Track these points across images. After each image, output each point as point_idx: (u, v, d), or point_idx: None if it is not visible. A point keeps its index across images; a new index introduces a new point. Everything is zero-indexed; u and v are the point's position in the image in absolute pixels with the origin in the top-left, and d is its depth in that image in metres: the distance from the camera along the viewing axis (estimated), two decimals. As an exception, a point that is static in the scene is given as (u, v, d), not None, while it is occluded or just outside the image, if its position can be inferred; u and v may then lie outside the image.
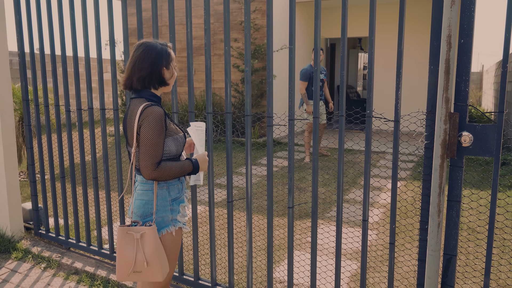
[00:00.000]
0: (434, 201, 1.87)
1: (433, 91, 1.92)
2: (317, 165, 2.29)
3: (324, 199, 4.83)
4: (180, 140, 1.89)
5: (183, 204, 1.97)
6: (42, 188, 3.57)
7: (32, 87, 3.48)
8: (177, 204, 1.94)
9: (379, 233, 3.85)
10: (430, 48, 1.90)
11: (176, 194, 1.93)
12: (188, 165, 1.88)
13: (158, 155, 1.79)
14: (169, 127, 1.86)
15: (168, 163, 1.82)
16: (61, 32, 3.11)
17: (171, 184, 1.91)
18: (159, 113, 1.78)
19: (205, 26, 2.47)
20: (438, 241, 1.90)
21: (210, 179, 2.62)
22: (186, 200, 2.02)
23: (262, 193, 5.06)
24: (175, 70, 1.94)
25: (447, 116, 1.80)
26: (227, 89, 2.48)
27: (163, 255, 1.86)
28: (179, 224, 1.94)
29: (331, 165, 6.54)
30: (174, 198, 1.92)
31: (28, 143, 3.62)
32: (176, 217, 1.93)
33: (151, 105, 1.80)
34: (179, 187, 1.95)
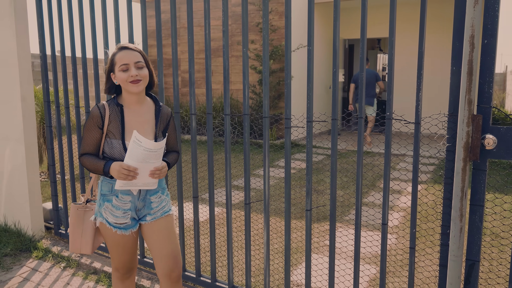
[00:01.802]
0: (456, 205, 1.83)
1: (455, 93, 1.88)
2: (336, 167, 2.27)
3: (342, 202, 4.79)
4: (113, 145, 1.97)
5: (109, 203, 2.02)
6: (62, 188, 3.64)
7: (53, 89, 3.55)
8: (104, 200, 2.04)
9: (398, 237, 3.80)
10: (452, 49, 1.87)
11: (106, 191, 2.03)
12: (100, 166, 1.97)
13: (84, 148, 2.02)
14: (109, 129, 1.97)
15: (88, 157, 2.01)
16: (81, 35, 3.17)
17: (105, 179, 2.03)
18: (91, 112, 2.00)
19: (223, 28, 2.49)
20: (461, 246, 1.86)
21: (228, 180, 2.63)
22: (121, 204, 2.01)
23: (280, 195, 5.05)
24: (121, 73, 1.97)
25: (470, 118, 1.77)
26: (245, 90, 2.49)
27: (79, 234, 2.17)
28: (100, 219, 2.05)
29: (349, 167, 6.49)
30: (103, 194, 2.04)
31: (49, 143, 3.69)
32: (101, 211, 2.05)
33: (96, 104, 2.04)
34: (112, 186, 2.02)
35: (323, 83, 10.31)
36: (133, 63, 1.93)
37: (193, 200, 2.80)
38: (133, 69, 1.93)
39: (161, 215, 2.09)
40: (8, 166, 3.72)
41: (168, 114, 2.13)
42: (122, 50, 1.95)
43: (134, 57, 1.95)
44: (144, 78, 1.96)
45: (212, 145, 2.67)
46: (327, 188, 5.36)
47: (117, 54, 1.96)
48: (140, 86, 1.96)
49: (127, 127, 1.98)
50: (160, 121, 2.07)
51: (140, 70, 1.95)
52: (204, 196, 4.93)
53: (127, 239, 2.06)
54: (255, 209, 4.59)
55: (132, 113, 2.01)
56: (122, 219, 2.02)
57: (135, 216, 2.06)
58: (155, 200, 2.08)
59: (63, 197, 3.66)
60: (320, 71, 9.98)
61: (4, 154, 3.72)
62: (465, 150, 1.80)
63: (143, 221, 2.09)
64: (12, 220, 3.79)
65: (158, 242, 2.05)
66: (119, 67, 1.93)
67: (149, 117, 2.04)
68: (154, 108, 2.07)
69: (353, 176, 5.92)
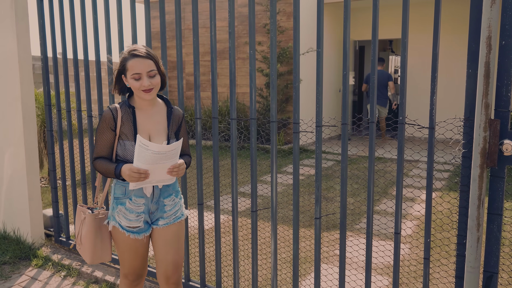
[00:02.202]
0: (473, 214, 1.82)
1: (472, 96, 1.87)
2: (346, 174, 2.27)
3: (353, 210, 4.77)
4: (126, 146, 2.02)
5: (122, 206, 2.07)
6: (63, 195, 3.66)
7: (55, 92, 3.58)
8: (117, 204, 2.08)
9: (412, 247, 3.78)
10: (468, 50, 1.86)
11: (119, 194, 2.08)
12: (111, 169, 2.01)
13: (97, 151, 2.05)
14: (122, 130, 2.02)
15: (101, 161, 2.05)
16: (83, 36, 3.20)
17: (118, 182, 2.08)
18: (103, 115, 2.04)
19: (229, 29, 2.50)
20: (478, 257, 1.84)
21: (234, 187, 2.63)
22: (135, 208, 2.06)
23: (288, 202, 5.04)
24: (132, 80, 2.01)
25: (487, 123, 1.76)
26: (252, 94, 2.49)
27: (100, 242, 2.16)
28: (113, 223, 2.09)
29: (360, 174, 6.47)
30: (117, 197, 2.09)
31: (49, 148, 3.72)
32: (114, 215, 2.09)
33: (108, 106, 2.09)
34: (125, 189, 2.07)
35: (332, 86, 10.30)
36: (146, 73, 1.98)
37: (198, 207, 2.80)
38: (146, 79, 1.98)
39: (173, 220, 2.16)
40: (7, 171, 3.75)
41: (180, 116, 2.19)
42: (134, 57, 1.98)
43: (147, 66, 1.98)
44: (156, 86, 2.02)
45: (218, 150, 2.68)
46: (337, 195, 5.34)
47: (129, 60, 1.99)
48: (152, 94, 2.02)
49: (140, 128, 2.05)
50: (172, 123, 2.13)
51: (152, 78, 2.00)
52: (210, 203, 4.94)
53: (139, 244, 2.10)
54: (262, 216, 4.58)
55: (144, 114, 2.07)
56: (136, 223, 2.07)
57: (148, 219, 2.12)
58: (169, 203, 2.14)
59: (64, 204, 3.68)
60: (329, 74, 9.98)
61: (4, 159, 3.75)
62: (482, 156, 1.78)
63: (155, 225, 2.14)
64: (11, 227, 3.81)
65: (165, 248, 2.13)
66: (131, 75, 1.99)
67: (161, 118, 2.10)
68: (165, 109, 2.14)
69: (364, 183, 5.90)
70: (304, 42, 8.71)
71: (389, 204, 4.98)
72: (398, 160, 2.11)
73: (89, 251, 2.18)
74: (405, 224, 4.36)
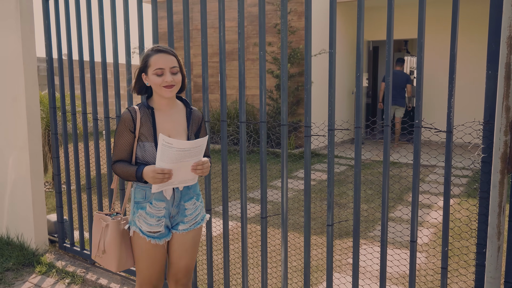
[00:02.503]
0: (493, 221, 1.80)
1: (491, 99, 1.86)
2: (359, 179, 2.26)
3: (366, 217, 4.74)
4: (146, 147, 2.05)
5: (143, 211, 2.09)
6: (68, 200, 3.69)
7: (60, 94, 3.62)
8: (138, 208, 2.11)
9: (429, 256, 3.74)
10: (488, 51, 1.85)
11: (139, 198, 2.10)
12: (132, 171, 2.03)
13: (116, 154, 2.08)
14: (142, 132, 2.02)
15: (120, 164, 2.07)
16: (89, 37, 3.23)
17: (138, 186, 2.11)
18: (122, 116, 2.06)
19: (239, 30, 2.51)
20: (498, 267, 1.82)
21: (243, 192, 2.63)
22: (155, 212, 2.09)
23: (299, 208, 5.03)
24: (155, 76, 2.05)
25: (508, 126, 1.74)
26: (262, 96, 2.49)
27: (124, 248, 2.16)
28: (134, 228, 2.11)
29: (374, 179, 6.44)
30: (137, 201, 2.11)
31: (54, 152, 3.75)
32: (135, 220, 2.11)
33: (126, 108, 2.11)
34: (145, 193, 2.09)
35: (345, 88, 10.28)
36: (169, 68, 2.02)
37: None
38: (168, 74, 2.02)
39: (193, 226, 2.20)
40: (11, 176, 3.79)
41: (200, 117, 2.23)
42: (158, 53, 2.03)
43: (170, 61, 2.03)
44: (177, 84, 2.06)
45: (227, 154, 2.68)
46: (350, 201, 5.32)
47: (152, 56, 2.03)
48: (173, 91, 2.06)
49: (159, 129, 2.08)
50: (192, 123, 2.17)
51: (175, 75, 2.04)
52: (218, 209, 4.94)
53: (158, 250, 2.12)
54: (272, 223, 4.58)
55: (163, 115, 2.11)
56: (156, 227, 2.10)
57: (168, 224, 2.15)
58: (190, 207, 2.17)
59: (68, 209, 3.71)
60: (342, 75, 9.96)
61: (8, 163, 3.79)
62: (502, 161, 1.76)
63: (174, 230, 2.17)
64: (15, 232, 3.85)
65: (180, 253, 2.19)
66: (154, 71, 2.02)
67: (180, 119, 2.14)
68: (185, 110, 2.18)
69: (378, 188, 5.87)
70: (316, 43, 8.71)
71: (405, 211, 4.94)
72: (414, 165, 2.09)
73: (115, 259, 2.17)
74: (422, 232, 4.32)
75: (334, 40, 2.21)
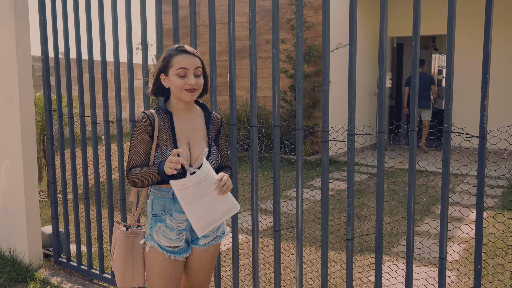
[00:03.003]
0: (532, 236, 1.77)
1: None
2: (382, 189, 2.24)
3: (390, 231, 4.71)
4: (166, 155, 2.05)
5: (162, 224, 2.10)
6: (64, 210, 3.71)
7: (56, 96, 3.65)
8: (156, 221, 2.11)
9: (460, 274, 3.70)
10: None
11: (158, 211, 2.11)
12: (153, 169, 2.03)
13: (132, 160, 2.08)
14: (160, 138, 2.06)
15: (137, 168, 2.07)
16: (88, 34, 3.26)
17: (156, 198, 2.12)
18: (139, 119, 2.08)
19: (250, 25, 2.51)
20: (537, 288, 1.79)
21: (254, 203, 2.62)
22: (176, 225, 2.10)
23: (315, 221, 5.01)
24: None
25: (547, 131, 1.72)
26: (275, 98, 2.50)
27: (131, 263, 2.17)
28: (151, 243, 2.11)
29: (399, 189, 6.39)
30: (155, 214, 2.12)
31: (50, 158, 3.79)
32: (153, 234, 2.11)
33: (143, 111, 2.13)
34: (164, 204, 2.09)
35: (366, 89, 10.24)
36: (193, 69, 2.05)
37: (213, 226, 2.81)
38: (192, 76, 2.04)
39: (214, 241, 2.22)
40: (3, 184, 3.83)
41: (219, 122, 2.25)
42: (182, 53, 2.05)
43: (195, 63, 2.06)
44: (199, 88, 2.08)
45: (237, 161, 2.69)
46: (372, 213, 5.29)
47: (176, 56, 2.05)
48: (195, 96, 2.08)
49: (179, 135, 2.10)
50: (212, 128, 2.20)
51: (198, 78, 2.07)
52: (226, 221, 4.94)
53: (176, 267, 2.13)
54: (286, 237, 4.56)
55: (181, 120, 2.13)
56: (177, 242, 2.11)
57: (189, 237, 2.17)
58: None
59: (64, 221, 3.73)
60: (362, 75, 9.93)
61: (0, 170, 3.83)
62: (542, 170, 1.74)
63: (194, 245, 2.19)
64: (7, 245, 3.89)
65: (196, 268, 2.23)
66: (176, 71, 2.04)
67: (199, 124, 2.17)
68: (203, 115, 2.21)
69: (403, 199, 5.82)
70: (333, 39, 8.70)
71: (433, 225, 4.89)
72: (443, 173, 2.07)
73: (118, 273, 2.20)
74: (452, 247, 4.28)
75: (354, 37, 2.21)
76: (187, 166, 2.03)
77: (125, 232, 2.19)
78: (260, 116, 9.21)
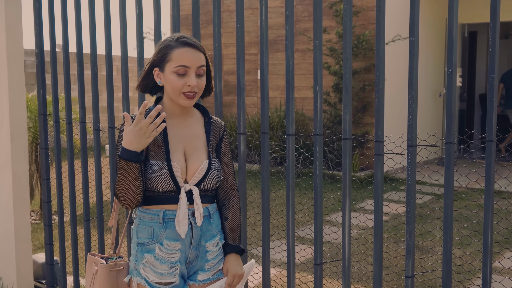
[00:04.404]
0: None
1: None
2: (451, 214, 2.20)
3: (461, 267, 4.62)
4: (155, 168, 2.01)
5: (150, 255, 2.05)
6: (60, 235, 3.75)
7: (52, 97, 3.70)
8: (143, 252, 2.07)
9: (550, 323, 3.60)
10: None
11: (144, 239, 2.08)
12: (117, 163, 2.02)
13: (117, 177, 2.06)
14: (149, 147, 2.02)
15: None
16: (91, 24, 3.31)
17: (142, 222, 2.08)
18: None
19: (286, 11, 2.52)
20: None
21: (290, 230, 2.61)
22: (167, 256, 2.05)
23: (366, 253, 4.96)
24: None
25: None
26: (317, 100, 2.49)
27: None
28: (138, 279, 2.08)
29: (472, 214, 6.26)
30: (142, 242, 2.08)
31: (44, 172, 3.84)
32: (139, 268, 2.08)
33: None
34: (153, 231, 2.05)
35: (429, 89, 10.12)
36: (195, 68, 2.02)
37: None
38: (193, 76, 2.01)
39: (216, 276, 2.17)
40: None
41: (221, 128, 2.23)
42: (185, 46, 2.02)
43: (198, 60, 2.04)
44: (200, 91, 2.07)
45: (269, 177, 2.68)
46: (438, 244, 5.20)
47: (176, 48, 2.02)
48: (194, 101, 2.07)
49: (172, 144, 2.08)
50: (212, 136, 2.18)
51: (200, 78, 2.05)
52: (256, 251, 4.94)
53: None
54: (329, 272, 4.53)
55: (176, 125, 2.12)
56: (168, 277, 2.08)
57: (184, 272, 2.13)
58: (212, 248, 2.15)
59: (60, 247, 3.77)
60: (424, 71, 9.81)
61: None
62: None
63: (191, 281, 2.15)
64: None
65: None
66: (175, 68, 2.01)
67: (198, 130, 2.16)
68: (203, 120, 2.19)
69: (477, 227, 5.71)
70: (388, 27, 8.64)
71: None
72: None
73: None
74: (540, 289, 4.17)
75: (416, 24, 2.19)
76: (182, 183, 2.03)
77: (107, 265, 2.19)
78: (297, 122, 9.18)
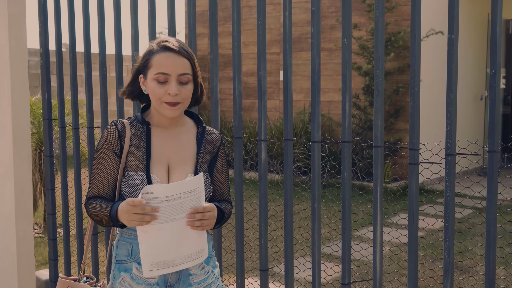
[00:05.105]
0: None
1: None
2: (495, 230, 2.18)
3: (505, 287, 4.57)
4: (133, 180, 2.02)
5: (127, 274, 2.05)
6: (66, 250, 3.78)
7: (58, 101, 3.73)
8: (120, 270, 2.09)
9: None
10: None
11: (123, 256, 2.09)
12: (106, 210, 2.00)
13: (92, 187, 2.10)
14: (130, 156, 2.03)
15: (94, 201, 2.07)
16: (100, 21, 3.34)
17: (122, 238, 2.10)
18: (105, 132, 2.08)
19: (312, 7, 2.52)
20: None
21: (315, 246, 2.60)
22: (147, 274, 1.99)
23: (399, 272, 4.92)
24: None
25: None
26: (346, 104, 2.48)
27: None
28: None
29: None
30: (120, 260, 2.10)
31: (48, 182, 3.87)
32: (115, 287, 2.08)
33: (112, 121, 2.14)
34: (131, 248, 2.06)
35: (469, 92, 10.03)
36: (176, 76, 2.01)
37: (261, 275, 2.80)
38: (174, 84, 1.99)
39: None
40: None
41: (217, 141, 2.20)
42: (164, 51, 2.02)
43: (180, 66, 2.02)
44: (184, 101, 2.05)
45: (292, 188, 2.68)
46: (479, 263, 5.15)
47: (156, 54, 2.03)
48: (177, 111, 2.04)
49: (155, 153, 2.07)
50: (204, 149, 2.15)
51: (183, 87, 2.02)
52: (278, 269, 4.92)
53: None
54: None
55: (162, 134, 2.11)
56: None
57: None
58: (196, 272, 2.12)
59: (65, 263, 3.80)
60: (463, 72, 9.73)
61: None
62: None
63: None
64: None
65: None
66: (155, 75, 2.01)
67: (187, 142, 2.14)
68: (195, 130, 2.17)
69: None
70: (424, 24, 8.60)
71: None
72: None
73: None
74: None
75: (456, 20, 2.18)
76: None
77: (65, 282, 2.20)
78: (323, 127, 9.15)
